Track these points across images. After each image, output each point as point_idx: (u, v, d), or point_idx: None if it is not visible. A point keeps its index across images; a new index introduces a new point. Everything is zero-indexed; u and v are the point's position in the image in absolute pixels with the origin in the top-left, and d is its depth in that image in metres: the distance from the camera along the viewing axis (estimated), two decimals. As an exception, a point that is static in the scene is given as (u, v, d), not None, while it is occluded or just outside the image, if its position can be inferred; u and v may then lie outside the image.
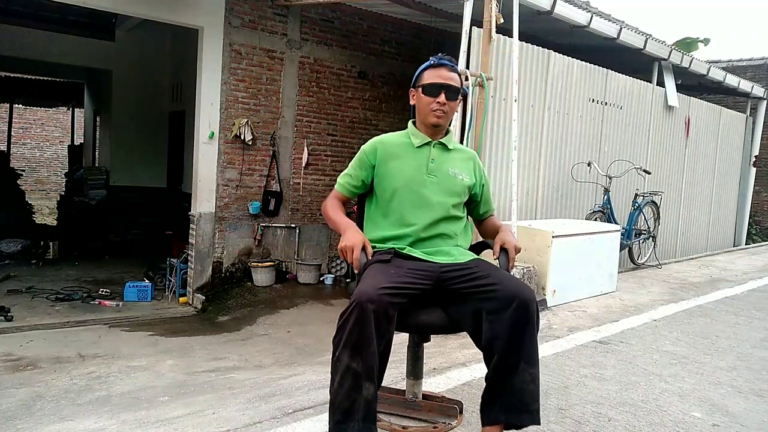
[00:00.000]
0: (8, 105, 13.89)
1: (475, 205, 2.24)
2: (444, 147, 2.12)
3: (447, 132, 2.16)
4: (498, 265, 2.03)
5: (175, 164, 10.03)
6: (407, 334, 2.06)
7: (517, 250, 2.05)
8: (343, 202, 2.17)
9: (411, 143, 2.11)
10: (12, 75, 12.65)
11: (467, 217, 2.23)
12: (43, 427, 3.03)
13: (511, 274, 1.98)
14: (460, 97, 2.11)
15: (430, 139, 2.10)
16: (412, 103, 2.16)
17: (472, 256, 2.04)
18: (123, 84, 9.91)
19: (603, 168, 6.35)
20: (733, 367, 3.29)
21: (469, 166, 2.16)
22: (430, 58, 2.12)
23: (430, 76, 2.06)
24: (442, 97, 2.03)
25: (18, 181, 11.50)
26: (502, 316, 1.77)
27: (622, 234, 5.84)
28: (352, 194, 2.15)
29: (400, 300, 1.78)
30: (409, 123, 2.19)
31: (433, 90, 2.04)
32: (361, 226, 2.16)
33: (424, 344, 2.10)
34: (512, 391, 1.79)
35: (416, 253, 1.99)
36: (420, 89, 2.08)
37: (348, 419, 1.70)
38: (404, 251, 2.00)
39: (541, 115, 5.76)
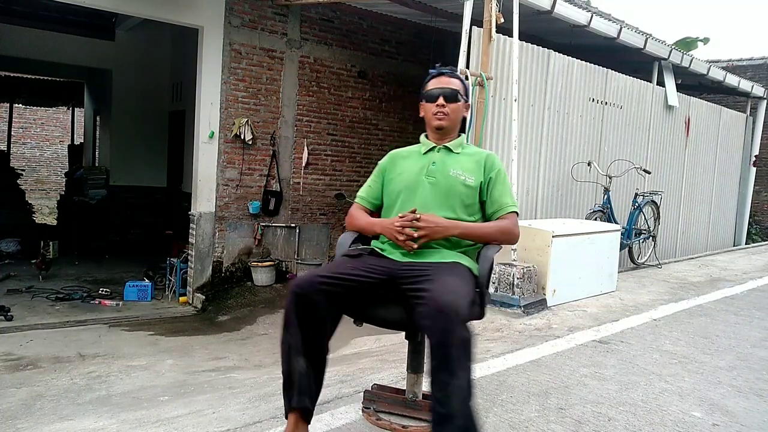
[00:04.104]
0: (8, 105, 13.89)
1: (483, 204, 2.18)
2: (449, 150, 2.23)
3: (459, 136, 2.28)
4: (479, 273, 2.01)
5: (175, 164, 10.02)
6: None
7: (421, 230, 1.99)
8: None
9: (419, 151, 2.27)
10: (12, 75, 12.64)
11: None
12: (43, 426, 3.03)
13: (456, 281, 1.84)
14: (463, 99, 2.23)
15: (435, 144, 2.24)
16: (421, 115, 2.29)
17: (459, 259, 2.01)
18: (123, 84, 9.90)
19: (603, 168, 6.35)
20: (733, 367, 3.28)
21: (478, 166, 2.19)
22: (430, 70, 2.28)
23: (430, 86, 2.23)
24: (440, 100, 2.18)
25: (18, 181, 11.49)
26: (427, 331, 1.72)
27: (622, 234, 5.83)
28: (374, 206, 2.28)
29: (334, 289, 1.86)
30: (422, 136, 2.33)
31: (432, 96, 2.21)
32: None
33: (425, 342, 2.10)
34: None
35: (391, 253, 2.06)
36: (423, 99, 2.25)
37: (289, 388, 1.84)
38: (380, 248, 2.10)
39: (541, 114, 5.76)
